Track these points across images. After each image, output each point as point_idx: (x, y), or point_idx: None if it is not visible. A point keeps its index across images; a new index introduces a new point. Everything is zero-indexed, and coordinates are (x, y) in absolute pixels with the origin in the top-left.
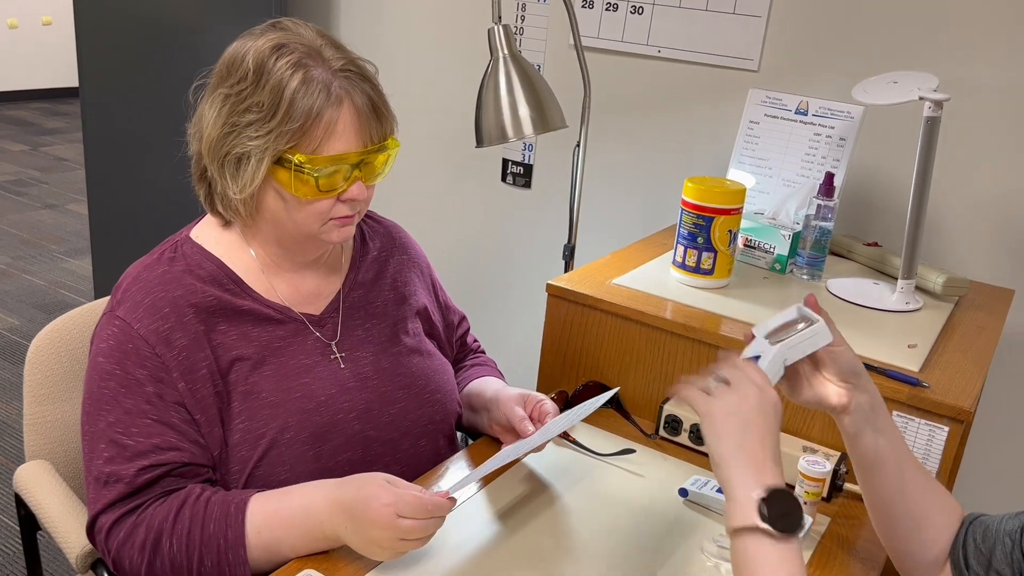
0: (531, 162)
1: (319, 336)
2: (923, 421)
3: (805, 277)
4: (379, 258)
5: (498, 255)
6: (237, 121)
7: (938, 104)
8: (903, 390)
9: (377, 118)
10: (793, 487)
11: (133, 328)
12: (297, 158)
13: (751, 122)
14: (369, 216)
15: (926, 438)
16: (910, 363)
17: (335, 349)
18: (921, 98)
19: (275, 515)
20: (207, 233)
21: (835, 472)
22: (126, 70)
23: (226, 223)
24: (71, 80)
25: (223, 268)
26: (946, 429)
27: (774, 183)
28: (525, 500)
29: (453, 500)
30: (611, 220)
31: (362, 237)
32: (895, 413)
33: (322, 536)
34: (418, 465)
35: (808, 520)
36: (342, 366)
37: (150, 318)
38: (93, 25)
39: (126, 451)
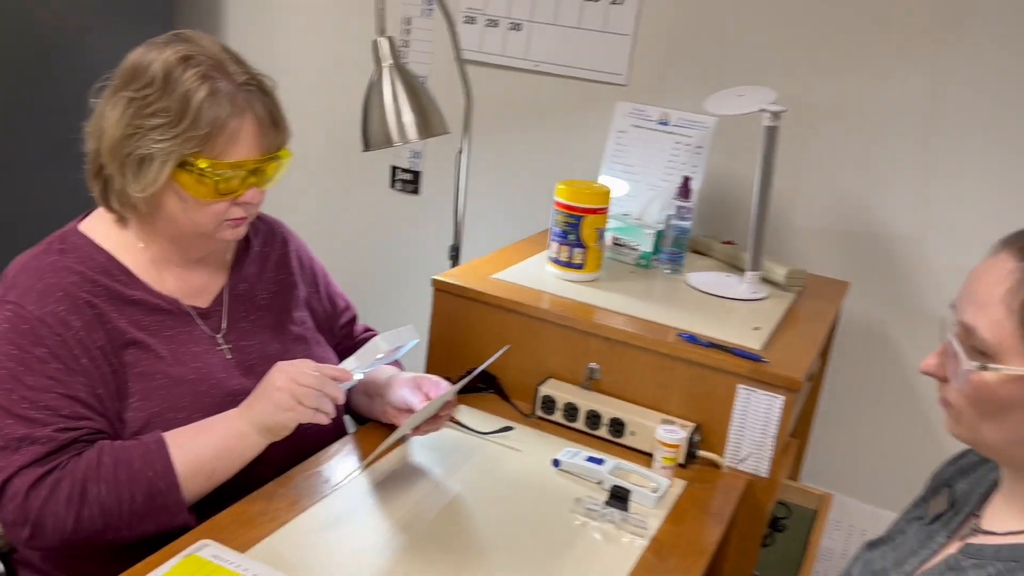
0: (419, 169)
1: (204, 328)
2: (763, 392)
3: (667, 271)
4: (262, 253)
5: (388, 257)
6: (141, 124)
7: (775, 115)
8: (746, 365)
9: (275, 129)
10: (651, 455)
11: (27, 310)
12: (200, 163)
13: (619, 132)
14: None
15: (766, 406)
16: (753, 343)
17: (221, 340)
18: (762, 110)
19: (194, 430)
20: (96, 228)
21: (690, 440)
22: (9, 77)
23: (119, 218)
24: None
25: (112, 261)
26: (782, 398)
27: (641, 187)
28: (413, 478)
29: (349, 374)
30: (494, 222)
31: (245, 234)
32: (740, 386)
33: (237, 431)
34: (304, 446)
35: (665, 482)
36: (228, 356)
37: (44, 301)
38: None
39: (36, 422)
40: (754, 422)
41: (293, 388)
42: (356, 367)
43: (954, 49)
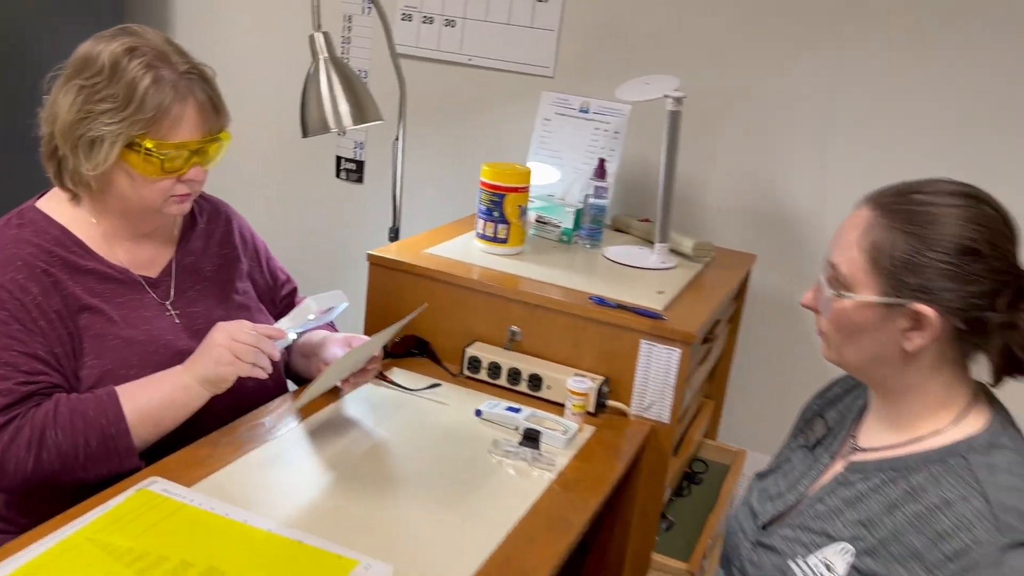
0: (363, 159)
1: (154, 296)
2: (663, 346)
3: (587, 246)
4: (207, 230)
5: (334, 242)
6: (92, 109)
7: (677, 101)
8: (647, 323)
9: (216, 113)
10: (563, 405)
11: None
12: (147, 143)
13: (544, 120)
14: (199, 195)
15: (666, 359)
16: (656, 304)
17: (170, 308)
18: (665, 96)
19: (143, 383)
20: (51, 205)
21: (599, 391)
22: None
23: (73, 196)
24: None
25: (67, 234)
26: (679, 351)
27: (566, 171)
28: (345, 427)
29: (283, 332)
30: (433, 206)
31: (191, 212)
32: (642, 341)
33: (182, 384)
34: (246, 402)
35: (574, 427)
36: (177, 321)
37: (5, 270)
38: None
39: None
40: (656, 373)
41: (232, 345)
42: (290, 327)
43: (849, 40)
